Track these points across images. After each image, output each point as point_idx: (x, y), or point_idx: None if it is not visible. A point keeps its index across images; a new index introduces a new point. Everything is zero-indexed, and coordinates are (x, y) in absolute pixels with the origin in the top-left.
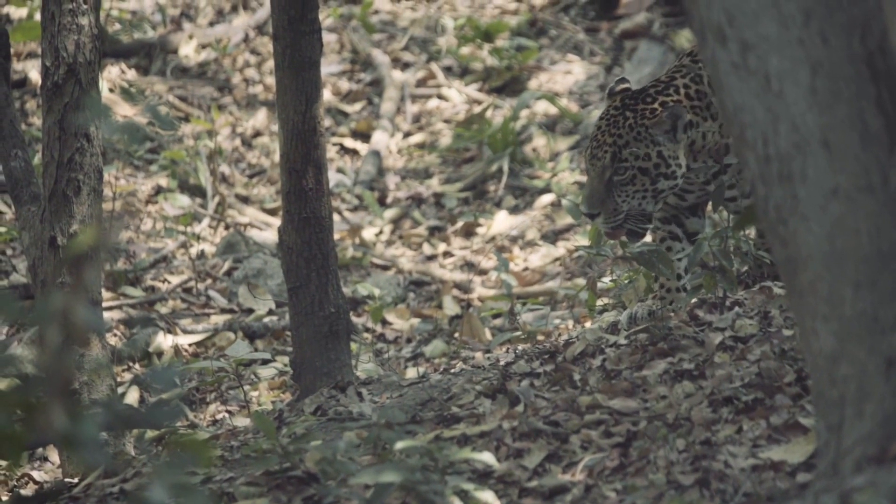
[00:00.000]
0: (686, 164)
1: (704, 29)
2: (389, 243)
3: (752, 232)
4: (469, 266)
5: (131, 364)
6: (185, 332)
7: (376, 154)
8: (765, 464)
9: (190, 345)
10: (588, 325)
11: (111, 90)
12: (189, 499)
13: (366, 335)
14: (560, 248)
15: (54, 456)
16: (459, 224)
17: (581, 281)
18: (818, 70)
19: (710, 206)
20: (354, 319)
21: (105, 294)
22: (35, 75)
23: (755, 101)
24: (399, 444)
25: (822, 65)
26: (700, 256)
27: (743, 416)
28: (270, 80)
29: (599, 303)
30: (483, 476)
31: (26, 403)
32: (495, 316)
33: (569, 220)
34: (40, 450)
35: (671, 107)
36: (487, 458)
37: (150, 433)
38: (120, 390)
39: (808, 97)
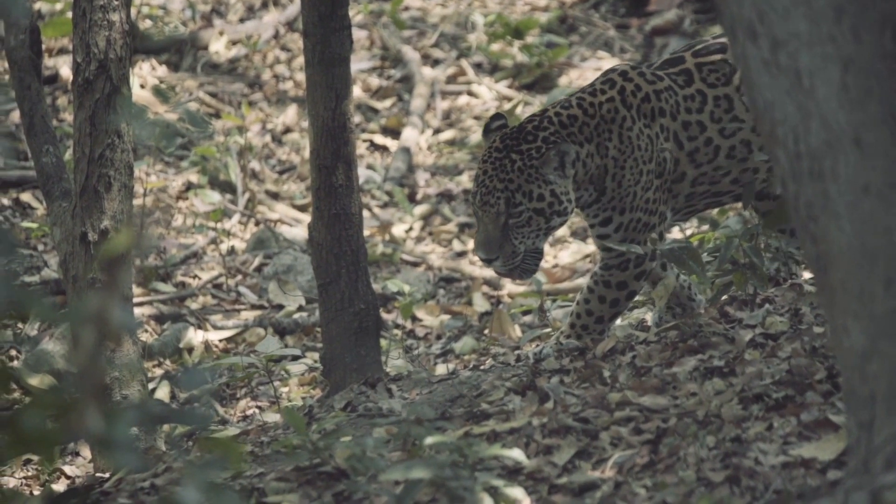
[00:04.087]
0: (574, 196)
1: (735, 26)
2: (419, 240)
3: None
4: None
5: (162, 360)
6: (216, 328)
7: (406, 151)
8: (795, 461)
9: (220, 341)
10: (618, 321)
11: (142, 86)
12: (220, 499)
13: (395, 331)
14: (590, 245)
15: (86, 451)
16: None
17: None
18: (849, 67)
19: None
20: (384, 316)
21: (136, 290)
22: (66, 71)
23: (786, 98)
24: (428, 441)
25: (854, 62)
26: (730, 254)
27: (773, 413)
28: (301, 77)
29: None
30: (513, 472)
31: (60, 403)
32: (525, 313)
33: None
34: (72, 445)
35: (557, 143)
36: (517, 454)
37: (181, 428)
38: (151, 386)
39: (840, 94)
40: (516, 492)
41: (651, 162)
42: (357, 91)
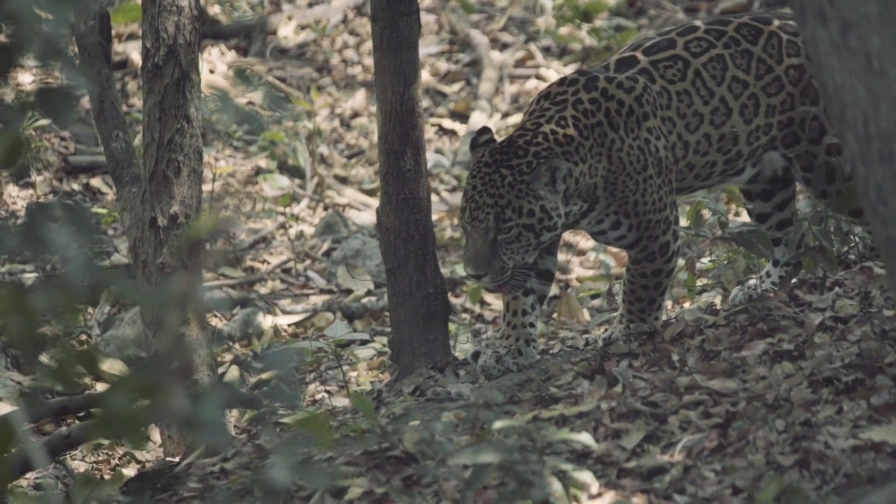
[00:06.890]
0: (563, 211)
1: (804, 8)
2: None
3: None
4: (567, 246)
5: (231, 344)
6: (285, 312)
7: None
8: (865, 444)
9: (289, 325)
10: (687, 305)
11: (211, 71)
12: (310, 476)
13: (464, 316)
14: None
15: (156, 435)
16: None
17: (680, 261)
18: None
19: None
20: (452, 300)
21: (205, 275)
22: (136, 57)
23: (855, 80)
24: (497, 425)
25: None
26: (799, 237)
27: (843, 396)
28: (369, 61)
29: (698, 283)
30: (581, 456)
31: (147, 386)
32: (594, 296)
33: None
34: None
35: (549, 159)
36: (586, 438)
37: (249, 413)
38: (220, 371)
39: None
40: (585, 476)
41: (646, 169)
42: (425, 75)
